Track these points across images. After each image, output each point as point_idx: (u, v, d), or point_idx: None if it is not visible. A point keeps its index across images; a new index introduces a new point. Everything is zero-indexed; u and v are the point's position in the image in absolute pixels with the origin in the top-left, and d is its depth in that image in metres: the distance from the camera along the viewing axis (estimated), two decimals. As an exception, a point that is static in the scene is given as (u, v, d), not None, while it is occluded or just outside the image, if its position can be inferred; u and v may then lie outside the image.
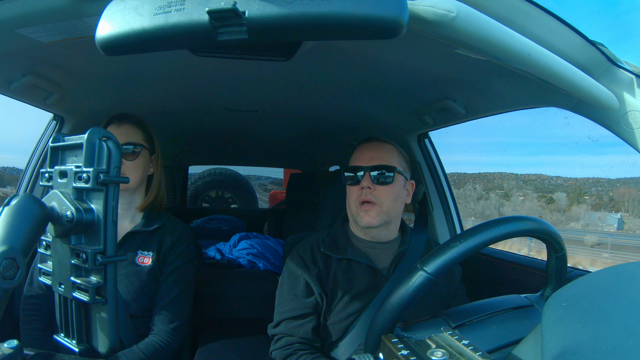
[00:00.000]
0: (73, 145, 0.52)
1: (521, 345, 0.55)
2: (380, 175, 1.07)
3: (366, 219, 1.06)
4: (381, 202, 1.06)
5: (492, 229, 0.63)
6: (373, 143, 1.14)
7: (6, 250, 0.41)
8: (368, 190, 1.06)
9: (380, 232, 1.11)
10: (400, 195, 1.11)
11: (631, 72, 0.87)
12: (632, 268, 0.54)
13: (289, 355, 1.02)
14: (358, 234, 1.14)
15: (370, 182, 1.06)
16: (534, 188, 22.22)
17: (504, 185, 22.51)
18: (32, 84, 1.17)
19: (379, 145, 1.13)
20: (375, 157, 1.09)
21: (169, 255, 1.16)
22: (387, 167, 1.07)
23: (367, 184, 1.06)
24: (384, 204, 1.07)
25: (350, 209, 1.11)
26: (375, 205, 1.06)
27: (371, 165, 1.08)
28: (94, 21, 0.61)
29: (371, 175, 1.07)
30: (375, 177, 1.07)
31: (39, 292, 1.09)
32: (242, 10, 0.47)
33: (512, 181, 23.40)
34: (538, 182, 22.69)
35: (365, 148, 1.13)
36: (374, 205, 1.06)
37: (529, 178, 23.74)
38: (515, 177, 24.08)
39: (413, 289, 0.60)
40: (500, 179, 23.63)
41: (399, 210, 1.12)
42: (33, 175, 1.49)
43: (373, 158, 1.09)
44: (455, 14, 0.60)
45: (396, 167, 1.09)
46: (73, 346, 0.54)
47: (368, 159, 1.09)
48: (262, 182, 6.94)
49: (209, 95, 1.60)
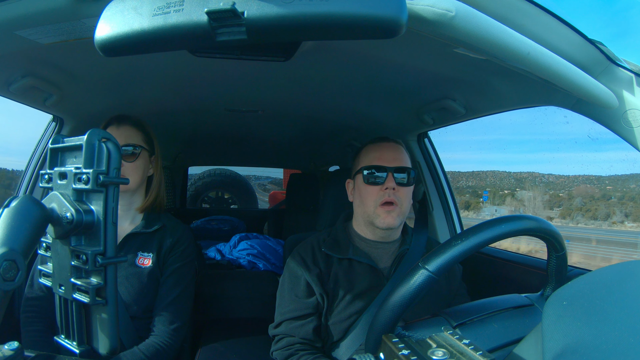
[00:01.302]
0: (73, 147, 0.52)
1: (522, 344, 0.55)
2: (405, 176, 1.08)
3: (388, 219, 1.05)
4: (401, 203, 1.07)
5: (493, 227, 0.63)
6: (391, 144, 1.14)
7: (6, 252, 0.41)
8: (392, 191, 1.06)
9: (392, 233, 1.12)
10: (411, 196, 1.12)
11: (630, 71, 0.87)
12: (632, 266, 0.54)
13: (290, 355, 1.02)
14: (365, 233, 1.14)
15: (394, 183, 1.06)
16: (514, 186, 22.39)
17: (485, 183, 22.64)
18: (32, 85, 1.17)
19: (397, 146, 1.14)
20: (397, 158, 1.10)
21: (169, 256, 1.16)
22: (409, 169, 1.09)
23: (393, 185, 1.06)
24: (404, 205, 1.08)
25: (367, 208, 1.09)
26: (397, 206, 1.06)
27: (395, 167, 1.08)
28: (93, 22, 0.61)
29: (394, 177, 1.07)
30: (399, 179, 1.07)
31: (40, 293, 1.09)
32: (240, 11, 0.47)
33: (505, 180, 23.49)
34: (529, 179, 22.79)
35: (385, 148, 1.12)
36: (395, 206, 1.06)
37: (521, 176, 23.83)
38: (508, 175, 24.14)
39: (415, 287, 0.60)
40: (492, 177, 23.69)
41: (409, 210, 1.13)
42: (33, 176, 1.49)
43: (395, 159, 1.09)
44: (455, 13, 0.60)
45: (413, 169, 1.11)
46: (74, 347, 0.54)
47: (391, 160, 1.09)
48: (262, 182, 6.93)
49: (208, 95, 1.60)
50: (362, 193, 1.10)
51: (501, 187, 22.39)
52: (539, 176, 23.58)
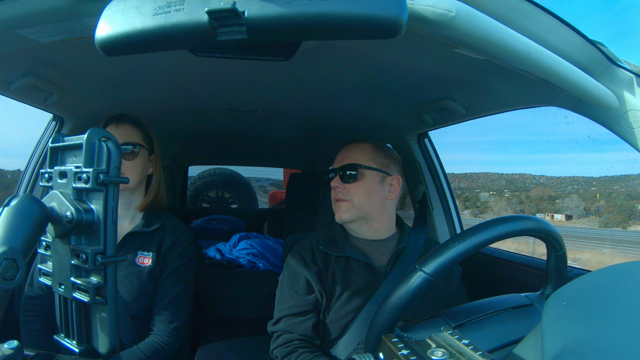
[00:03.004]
0: (73, 146, 0.52)
1: (521, 345, 0.55)
2: (346, 174, 1.13)
3: (338, 214, 1.14)
4: (351, 199, 1.12)
5: (491, 228, 0.63)
6: (346, 146, 1.20)
7: (6, 251, 0.41)
8: (338, 189, 1.13)
9: (362, 228, 1.14)
10: (375, 190, 1.13)
11: (631, 72, 0.87)
12: (632, 267, 0.54)
13: (290, 352, 1.03)
14: (356, 232, 1.16)
15: (339, 182, 1.14)
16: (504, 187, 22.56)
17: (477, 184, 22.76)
18: (32, 84, 1.17)
19: (352, 146, 1.18)
20: (345, 157, 1.16)
21: (169, 256, 1.16)
22: (350, 166, 1.13)
23: (336, 184, 1.14)
24: (354, 200, 1.12)
25: (333, 208, 1.17)
26: (346, 201, 1.12)
27: (339, 166, 1.14)
28: (93, 21, 0.61)
29: (340, 175, 1.13)
30: (343, 177, 1.13)
31: (39, 292, 1.09)
32: (241, 10, 0.47)
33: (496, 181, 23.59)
34: (520, 181, 22.92)
35: (341, 152, 1.20)
36: (344, 201, 1.13)
37: (512, 177, 23.95)
38: (500, 177, 24.24)
39: (412, 289, 0.60)
40: (484, 179, 23.79)
41: (377, 205, 1.13)
42: (33, 175, 1.49)
43: (343, 159, 1.16)
44: (455, 14, 0.60)
45: (362, 164, 1.13)
46: (73, 347, 0.54)
47: (339, 161, 1.17)
48: (262, 184, 6.93)
49: (208, 95, 1.60)
50: None
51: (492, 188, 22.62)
52: (529, 177, 23.71)
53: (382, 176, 1.14)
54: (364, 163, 1.13)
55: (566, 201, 19.04)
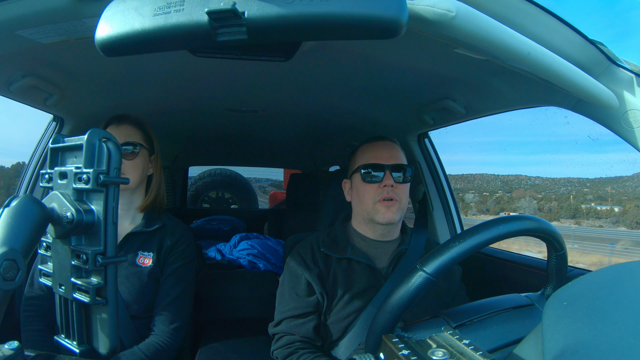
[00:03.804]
0: (73, 147, 0.52)
1: (522, 345, 0.55)
2: (401, 173, 1.11)
3: (388, 214, 1.07)
4: (400, 199, 1.09)
5: (492, 228, 0.63)
6: (387, 142, 1.16)
7: (6, 251, 0.41)
8: (390, 188, 1.08)
9: (392, 229, 1.13)
10: (408, 192, 1.14)
11: (631, 71, 0.87)
12: (632, 267, 0.54)
13: (291, 354, 1.02)
14: (365, 232, 1.14)
15: (392, 181, 1.09)
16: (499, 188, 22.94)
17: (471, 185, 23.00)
18: (32, 85, 1.17)
19: (392, 145, 1.16)
20: (393, 156, 1.12)
21: (170, 256, 1.16)
22: (405, 167, 1.11)
23: (391, 182, 1.08)
24: (402, 201, 1.10)
25: (366, 206, 1.10)
26: (396, 201, 1.09)
27: (392, 164, 1.10)
28: (93, 22, 0.61)
29: (392, 174, 1.09)
30: (397, 176, 1.10)
31: (40, 293, 1.09)
32: (241, 11, 0.47)
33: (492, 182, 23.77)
34: (516, 182, 23.09)
35: (381, 147, 1.14)
36: (395, 201, 1.08)
37: (508, 179, 24.10)
38: (495, 178, 24.36)
39: (413, 289, 0.60)
40: (480, 180, 23.91)
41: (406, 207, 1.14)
42: (33, 176, 1.49)
43: (391, 157, 1.12)
44: (455, 14, 0.60)
45: (409, 166, 1.13)
46: (74, 347, 0.54)
47: (387, 158, 1.11)
48: (262, 185, 6.92)
49: (208, 95, 1.60)
50: (360, 191, 1.12)
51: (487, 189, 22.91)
52: (525, 179, 23.84)
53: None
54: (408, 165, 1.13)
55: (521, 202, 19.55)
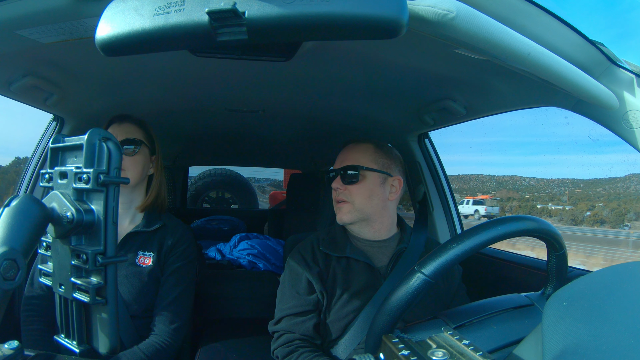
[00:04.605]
0: (73, 146, 0.52)
1: (522, 345, 0.55)
2: (347, 175, 1.13)
3: (339, 215, 1.13)
4: (352, 200, 1.12)
5: (490, 229, 0.63)
6: (347, 146, 1.19)
7: (7, 251, 0.41)
8: (339, 190, 1.13)
9: (363, 229, 1.14)
10: (376, 192, 1.12)
11: (631, 72, 0.87)
12: (632, 267, 0.54)
13: (291, 352, 1.03)
14: (358, 232, 1.16)
15: (340, 183, 1.13)
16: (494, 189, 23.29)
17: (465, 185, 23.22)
18: (32, 85, 1.17)
19: (352, 147, 1.18)
20: (346, 159, 1.15)
21: (170, 256, 1.16)
22: (351, 167, 1.13)
23: (337, 185, 1.13)
24: (355, 202, 1.12)
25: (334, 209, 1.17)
26: (347, 203, 1.12)
27: (340, 167, 1.14)
28: (93, 22, 0.61)
29: (341, 177, 1.13)
30: (344, 178, 1.13)
31: (40, 293, 1.09)
32: (241, 11, 0.47)
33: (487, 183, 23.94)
34: (510, 182, 23.27)
35: (341, 153, 1.19)
36: (345, 203, 1.12)
37: (503, 179, 24.25)
38: (491, 179, 24.49)
39: (411, 291, 0.60)
40: (475, 180, 24.04)
41: (378, 207, 1.13)
42: (33, 176, 1.49)
43: (343, 160, 1.15)
44: (455, 14, 0.60)
45: (363, 165, 1.12)
46: (74, 347, 0.54)
47: (339, 162, 1.16)
48: (261, 184, 6.92)
49: (209, 95, 1.60)
50: None
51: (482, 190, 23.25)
52: (520, 179, 24.03)
53: (384, 177, 1.13)
54: (365, 164, 1.12)
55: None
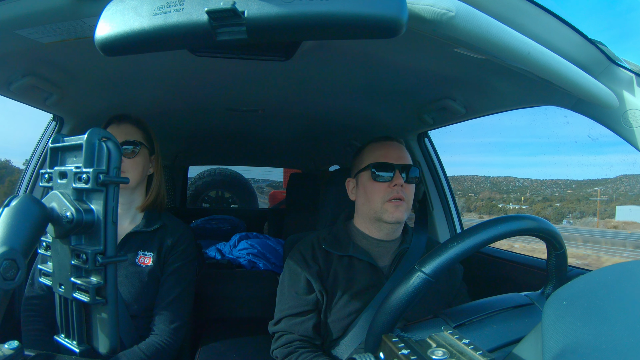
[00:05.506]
0: (73, 146, 0.52)
1: (522, 344, 0.55)
2: (409, 174, 1.11)
3: (396, 214, 1.08)
4: (408, 199, 1.10)
5: (490, 228, 0.63)
6: (395, 142, 1.16)
7: (6, 251, 0.41)
8: (400, 187, 1.08)
9: (396, 229, 1.14)
10: None
11: (631, 71, 0.87)
12: (632, 266, 0.54)
13: (290, 353, 1.02)
14: (369, 231, 1.14)
15: (402, 180, 1.09)
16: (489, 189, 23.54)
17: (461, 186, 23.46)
18: (32, 84, 1.17)
19: (400, 145, 1.16)
20: (402, 156, 1.13)
21: (170, 256, 1.16)
22: (414, 167, 1.12)
23: (401, 182, 1.09)
24: (410, 202, 1.11)
25: (374, 205, 1.10)
26: (404, 201, 1.09)
27: (402, 164, 1.11)
28: (93, 22, 0.61)
29: (401, 174, 1.10)
30: (406, 176, 1.11)
31: (40, 293, 1.09)
32: (241, 10, 0.47)
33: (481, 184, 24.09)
34: (504, 183, 23.42)
35: (390, 146, 1.15)
36: (403, 201, 1.09)
37: (497, 180, 24.40)
38: (485, 180, 24.63)
39: (411, 290, 0.60)
40: (470, 182, 24.17)
41: None
42: (33, 176, 1.49)
43: (400, 157, 1.12)
44: (455, 13, 0.60)
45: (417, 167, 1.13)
46: (74, 347, 0.54)
47: (396, 158, 1.12)
48: (260, 185, 6.91)
49: (208, 95, 1.60)
50: (367, 190, 1.12)
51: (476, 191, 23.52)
52: (513, 180, 24.16)
53: None
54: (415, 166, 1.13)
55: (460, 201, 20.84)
